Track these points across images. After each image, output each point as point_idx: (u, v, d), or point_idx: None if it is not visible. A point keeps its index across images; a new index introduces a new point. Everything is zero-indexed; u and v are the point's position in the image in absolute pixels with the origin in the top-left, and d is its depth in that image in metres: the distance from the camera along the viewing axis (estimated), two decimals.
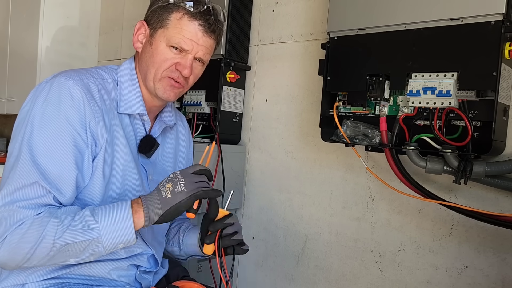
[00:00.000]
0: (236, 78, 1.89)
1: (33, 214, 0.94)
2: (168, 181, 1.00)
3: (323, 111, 1.56)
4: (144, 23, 1.13)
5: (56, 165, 0.97)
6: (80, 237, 0.93)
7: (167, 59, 1.10)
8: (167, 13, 1.09)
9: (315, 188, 1.79)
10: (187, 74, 1.11)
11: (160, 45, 1.09)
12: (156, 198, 0.98)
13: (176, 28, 1.08)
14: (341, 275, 1.71)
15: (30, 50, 2.68)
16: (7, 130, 3.71)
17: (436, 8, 1.28)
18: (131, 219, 0.96)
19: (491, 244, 1.37)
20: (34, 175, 0.95)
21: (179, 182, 0.98)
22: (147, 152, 1.16)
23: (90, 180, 1.04)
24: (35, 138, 0.97)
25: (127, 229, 0.96)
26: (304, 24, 1.84)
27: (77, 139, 1.00)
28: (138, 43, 1.15)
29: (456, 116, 1.31)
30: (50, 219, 0.93)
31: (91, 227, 0.94)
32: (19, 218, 0.93)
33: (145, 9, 1.17)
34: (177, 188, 0.98)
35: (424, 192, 1.39)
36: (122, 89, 1.13)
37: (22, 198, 0.94)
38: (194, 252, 1.26)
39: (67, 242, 0.93)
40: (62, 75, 1.04)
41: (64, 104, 0.99)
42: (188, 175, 1.00)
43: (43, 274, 1.04)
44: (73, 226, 0.93)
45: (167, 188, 0.98)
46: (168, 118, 1.24)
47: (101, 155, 1.04)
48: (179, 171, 1.02)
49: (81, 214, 0.96)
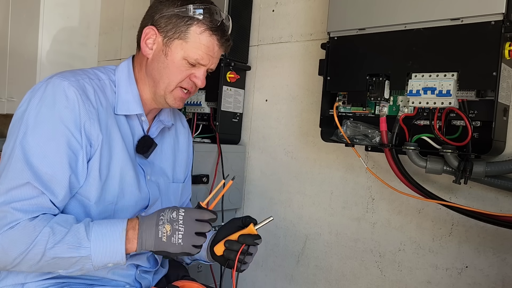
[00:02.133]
0: (236, 78, 1.89)
1: (26, 217, 0.93)
2: (169, 222, 0.96)
3: (323, 111, 1.56)
4: (154, 28, 1.10)
5: (49, 166, 0.97)
6: (70, 253, 0.93)
7: (182, 71, 1.10)
8: (186, 26, 1.07)
9: (315, 188, 1.79)
10: (201, 86, 1.13)
11: (177, 56, 1.09)
12: (152, 235, 0.96)
13: (196, 43, 1.08)
14: (341, 275, 1.71)
15: (30, 50, 2.68)
16: (7, 130, 3.70)
17: (436, 8, 1.28)
18: (123, 245, 0.95)
19: (491, 244, 1.37)
20: (27, 175, 0.95)
21: (178, 232, 0.95)
22: (144, 153, 1.15)
23: (85, 181, 1.03)
24: (28, 138, 0.97)
25: (118, 253, 0.96)
26: (304, 24, 1.84)
27: (71, 140, 0.99)
28: (147, 49, 1.11)
29: (456, 116, 1.31)
30: (43, 228, 0.93)
31: (82, 244, 0.94)
32: (11, 220, 0.92)
33: (145, 9, 1.16)
34: (174, 237, 0.95)
35: (424, 192, 1.39)
36: (119, 90, 1.13)
37: (16, 199, 0.93)
38: (199, 256, 1.26)
39: (56, 256, 0.93)
40: (58, 76, 1.03)
41: (58, 105, 0.99)
42: (190, 223, 0.96)
43: (43, 273, 1.04)
44: (65, 240, 0.93)
45: (165, 229, 0.95)
46: (166, 118, 1.24)
47: (97, 156, 1.03)
48: (184, 213, 0.97)
49: (75, 228, 0.95)
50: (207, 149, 1.83)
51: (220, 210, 1.83)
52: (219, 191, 1.05)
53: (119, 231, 0.96)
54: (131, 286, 1.14)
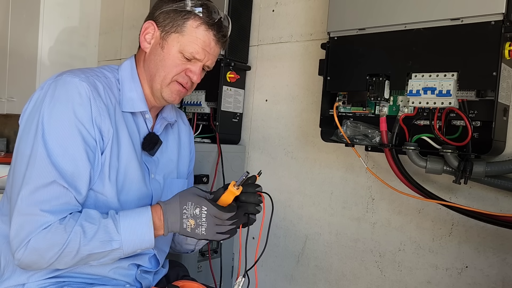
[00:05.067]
0: (236, 78, 1.89)
1: (56, 219, 0.96)
2: (192, 217, 1.01)
3: (323, 111, 1.57)
4: (153, 23, 1.13)
5: (71, 163, 0.99)
6: (103, 248, 0.98)
7: (178, 64, 1.11)
8: (183, 20, 1.09)
9: (315, 188, 1.79)
10: (196, 81, 1.14)
11: (172, 49, 1.10)
12: (177, 224, 1.02)
13: (191, 37, 1.09)
14: (341, 275, 1.71)
15: (30, 50, 2.69)
16: (7, 130, 3.71)
17: (436, 8, 1.28)
18: (151, 233, 1.01)
19: (491, 244, 1.37)
20: (52, 174, 0.96)
21: (201, 226, 1.01)
22: (150, 150, 1.16)
23: (99, 176, 1.05)
24: (46, 137, 0.97)
25: (147, 240, 1.02)
26: (304, 24, 1.84)
27: (86, 136, 1.01)
28: (146, 44, 1.14)
29: (456, 116, 1.31)
30: (73, 227, 0.96)
31: (113, 238, 0.99)
32: (43, 222, 0.94)
33: (145, 9, 1.17)
34: (198, 230, 1.02)
35: (424, 192, 1.39)
36: (123, 88, 1.14)
37: (44, 200, 0.95)
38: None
39: (90, 252, 0.97)
40: (67, 73, 1.04)
41: (72, 101, 1.00)
42: (212, 220, 1.01)
43: (44, 273, 1.04)
44: (97, 237, 0.97)
45: (189, 223, 1.01)
46: (169, 115, 1.25)
47: (108, 151, 1.05)
48: (206, 208, 1.01)
49: (104, 224, 0.99)
50: (207, 149, 1.83)
51: None
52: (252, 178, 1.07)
53: (146, 220, 1.01)
54: (131, 285, 1.14)
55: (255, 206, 1.08)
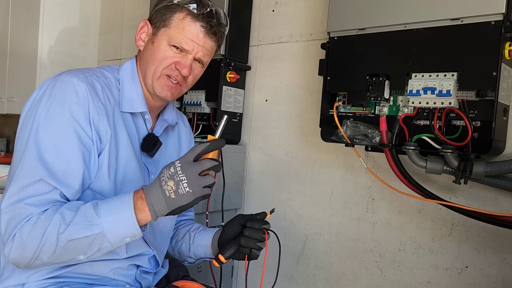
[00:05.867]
0: (236, 78, 1.89)
1: (39, 210, 0.94)
2: (169, 178, 0.92)
3: (323, 111, 1.57)
4: (147, 22, 1.15)
5: (63, 161, 0.98)
6: (83, 232, 0.92)
7: (167, 57, 1.11)
8: (170, 13, 1.10)
9: (315, 188, 1.79)
10: (186, 74, 1.12)
11: (162, 43, 1.11)
12: (160, 196, 0.93)
13: (178, 28, 1.09)
14: (341, 275, 1.71)
15: (30, 50, 2.68)
16: (7, 130, 3.71)
17: (436, 8, 1.28)
18: (133, 213, 0.93)
19: (491, 244, 1.37)
20: (40, 172, 0.95)
21: (182, 182, 0.91)
22: (150, 151, 1.16)
23: (96, 176, 1.04)
24: (40, 135, 0.97)
25: (130, 223, 0.94)
26: (304, 24, 1.84)
27: (82, 136, 1.01)
28: (141, 41, 1.16)
29: (456, 116, 1.31)
30: (53, 215, 0.93)
31: (93, 222, 0.92)
32: (26, 215, 0.93)
33: (145, 9, 1.18)
34: (181, 189, 0.91)
35: (424, 192, 1.39)
36: (124, 88, 1.14)
37: (29, 196, 0.94)
38: (205, 254, 1.26)
39: (70, 238, 0.92)
40: (66, 73, 1.05)
41: (69, 100, 1.00)
42: (189, 170, 0.92)
43: (44, 273, 1.04)
44: (75, 221, 0.92)
45: (169, 187, 0.92)
46: (170, 117, 1.25)
47: (106, 151, 1.05)
48: (179, 163, 0.93)
49: (84, 209, 0.94)
50: None
51: None
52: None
53: (126, 201, 0.94)
54: (131, 286, 1.14)
55: (256, 243, 1.10)
